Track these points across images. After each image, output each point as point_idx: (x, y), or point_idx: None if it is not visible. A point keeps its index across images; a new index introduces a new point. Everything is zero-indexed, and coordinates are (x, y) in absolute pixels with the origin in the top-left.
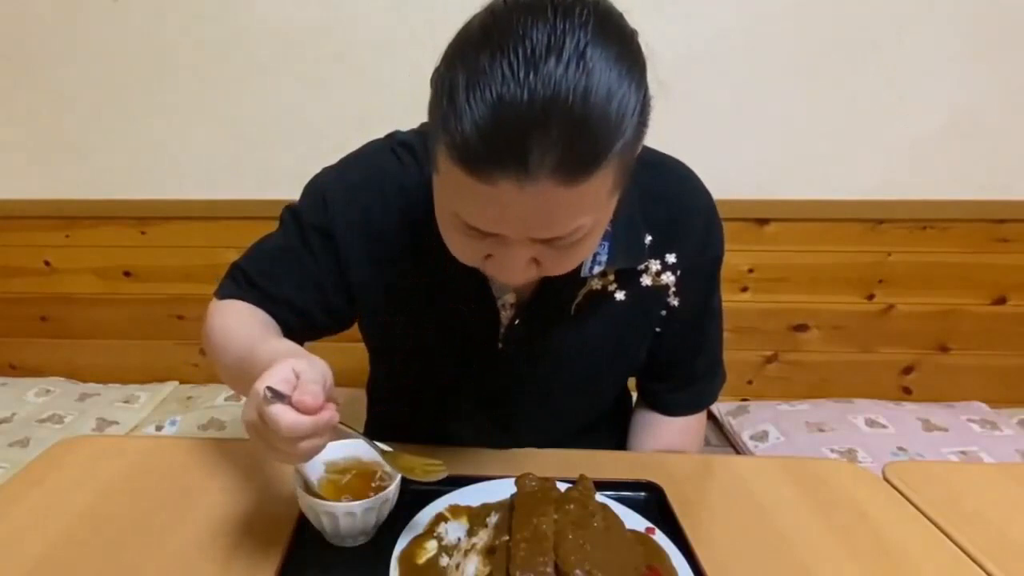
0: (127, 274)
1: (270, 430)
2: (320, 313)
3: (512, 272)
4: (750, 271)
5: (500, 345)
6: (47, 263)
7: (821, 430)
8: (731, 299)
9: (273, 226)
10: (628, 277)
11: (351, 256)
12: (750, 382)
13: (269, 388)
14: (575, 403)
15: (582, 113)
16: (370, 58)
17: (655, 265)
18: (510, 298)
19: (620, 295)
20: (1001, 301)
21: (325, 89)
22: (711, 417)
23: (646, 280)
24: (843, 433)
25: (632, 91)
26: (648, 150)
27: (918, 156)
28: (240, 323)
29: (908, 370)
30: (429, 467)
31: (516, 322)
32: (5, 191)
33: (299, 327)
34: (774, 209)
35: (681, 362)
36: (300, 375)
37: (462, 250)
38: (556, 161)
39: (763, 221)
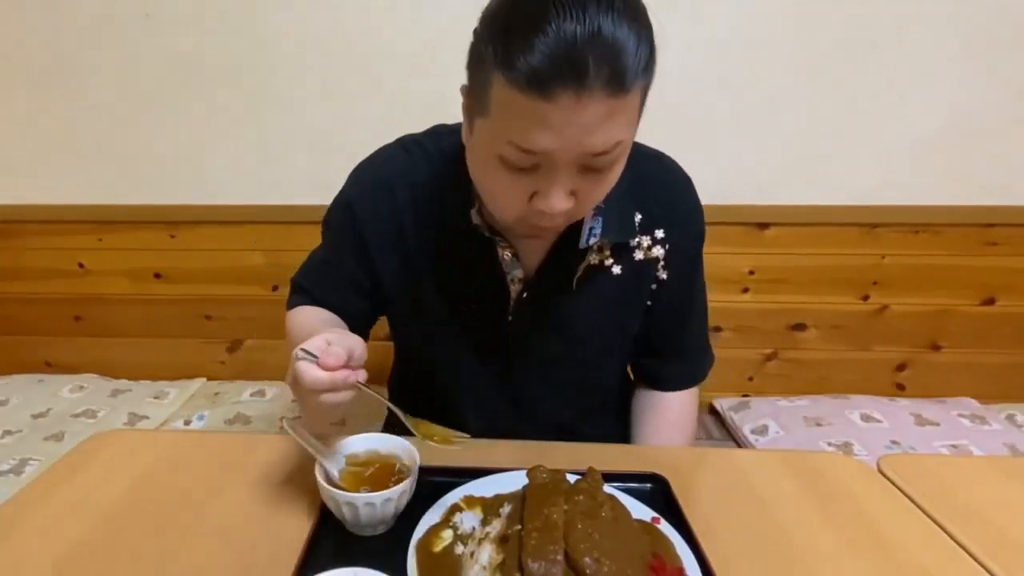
0: (157, 276)
1: (299, 384)
2: (361, 303)
3: (557, 200)
4: (751, 273)
5: (510, 318)
6: (81, 265)
7: (819, 424)
8: (733, 299)
9: (294, 229)
10: (622, 252)
11: (376, 248)
12: (751, 379)
13: (301, 349)
14: (578, 376)
15: (622, 41)
16: (388, 74)
17: (646, 240)
18: (518, 273)
19: (616, 269)
20: (990, 302)
21: (344, 103)
22: (714, 412)
23: (638, 255)
24: (839, 427)
25: (647, 36)
26: (637, 143)
27: (917, 158)
28: (304, 322)
29: (901, 367)
30: (450, 435)
31: (524, 295)
32: (42, 197)
33: (350, 321)
34: (774, 214)
35: (671, 334)
36: (331, 343)
37: (508, 194)
38: (608, 75)
39: (763, 225)
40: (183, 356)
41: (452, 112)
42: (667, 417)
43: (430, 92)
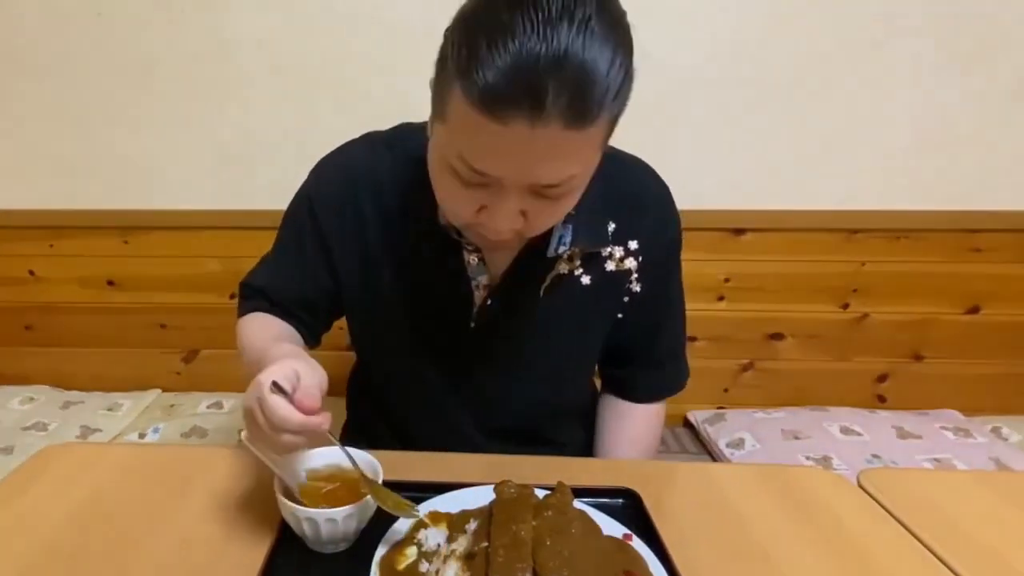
0: (110, 283)
1: (263, 417)
2: (319, 296)
3: (503, 220)
4: (726, 280)
5: (472, 325)
6: (31, 272)
7: (796, 438)
8: (708, 308)
9: (253, 235)
10: (593, 262)
11: (336, 241)
12: (726, 390)
13: (275, 383)
14: (540, 387)
15: (591, 68)
16: (350, 74)
17: (618, 251)
18: (483, 279)
19: (586, 279)
20: (975, 310)
21: (306, 103)
22: (688, 425)
23: (610, 265)
24: (818, 440)
25: (625, 60)
26: (612, 148)
27: (899, 162)
28: (254, 334)
29: (883, 378)
30: (402, 505)
31: (488, 302)
32: None
33: (308, 318)
34: (750, 219)
35: (643, 348)
36: (300, 376)
37: (457, 202)
38: (566, 104)
39: (739, 231)
40: (137, 366)
41: (416, 115)
42: (633, 428)
43: (393, 95)
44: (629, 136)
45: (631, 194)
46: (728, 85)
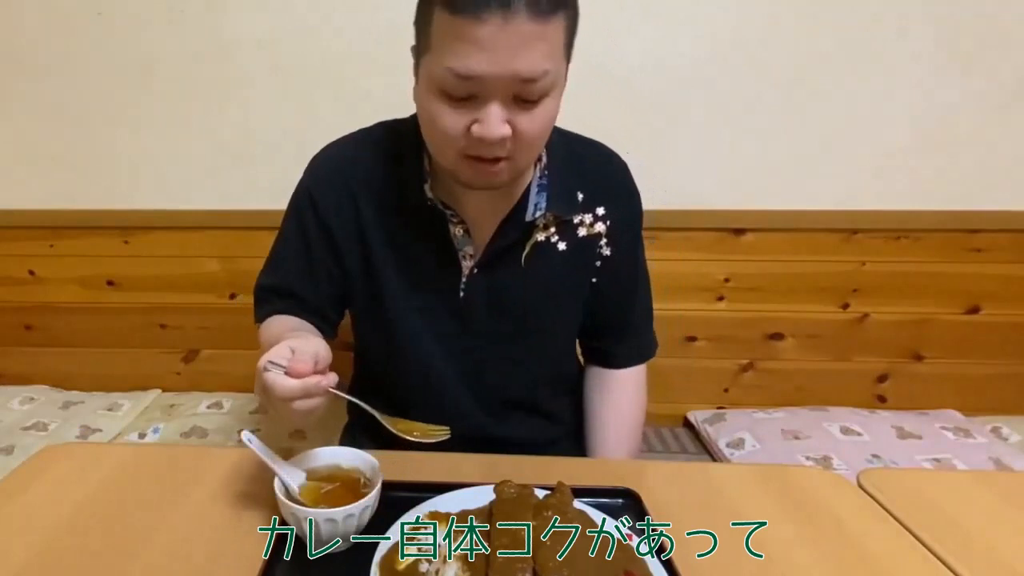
0: (110, 283)
1: (270, 395)
2: (331, 288)
3: (494, 124)
4: (726, 280)
5: (462, 294)
6: (32, 272)
7: (796, 438)
8: (707, 308)
9: (253, 235)
10: (567, 229)
11: (339, 233)
12: (726, 390)
13: (269, 360)
14: (531, 352)
15: None
16: (350, 74)
17: (588, 218)
18: (469, 249)
19: (562, 246)
20: (975, 310)
21: (306, 103)
22: (688, 425)
23: (582, 231)
24: (818, 441)
25: None
26: (579, 134)
27: (899, 161)
28: (274, 332)
29: (883, 378)
30: (431, 431)
31: (475, 271)
32: None
33: (322, 309)
34: (750, 219)
35: (619, 310)
36: (295, 351)
37: (449, 126)
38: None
39: (739, 231)
40: (137, 366)
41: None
42: (622, 394)
43: (393, 95)
44: (630, 136)
45: (596, 166)
46: (728, 85)
